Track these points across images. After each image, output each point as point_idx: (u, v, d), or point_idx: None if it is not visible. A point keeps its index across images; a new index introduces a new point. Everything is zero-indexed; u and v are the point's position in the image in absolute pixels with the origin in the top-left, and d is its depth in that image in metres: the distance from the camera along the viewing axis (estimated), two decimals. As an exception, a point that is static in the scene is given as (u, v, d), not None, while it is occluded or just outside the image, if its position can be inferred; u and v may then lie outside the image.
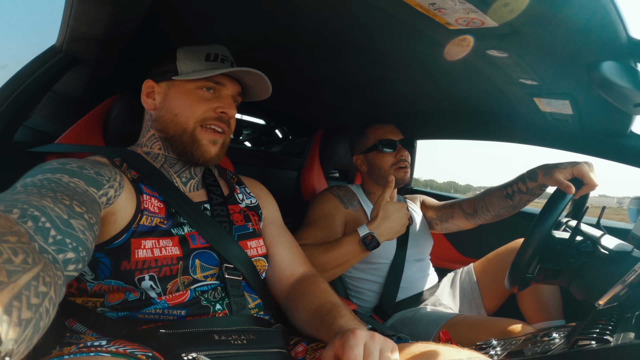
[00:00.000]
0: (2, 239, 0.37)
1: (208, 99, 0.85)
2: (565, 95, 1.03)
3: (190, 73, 0.84)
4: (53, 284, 0.39)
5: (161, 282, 0.73)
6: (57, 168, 0.64)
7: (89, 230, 0.54)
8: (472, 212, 1.37)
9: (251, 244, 0.88)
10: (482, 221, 1.37)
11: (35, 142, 0.98)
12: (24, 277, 0.35)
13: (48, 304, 0.37)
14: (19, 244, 0.38)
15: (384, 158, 1.38)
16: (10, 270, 0.34)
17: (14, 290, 0.33)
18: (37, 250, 0.41)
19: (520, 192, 1.21)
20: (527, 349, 0.84)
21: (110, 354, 0.53)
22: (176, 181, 0.87)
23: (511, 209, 1.27)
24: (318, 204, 1.36)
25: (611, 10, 0.69)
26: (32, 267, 0.37)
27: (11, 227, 0.40)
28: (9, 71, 0.98)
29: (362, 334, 0.61)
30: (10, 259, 0.35)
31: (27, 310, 0.34)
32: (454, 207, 1.44)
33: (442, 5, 0.70)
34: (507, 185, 1.25)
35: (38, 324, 0.35)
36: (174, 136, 0.84)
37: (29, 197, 0.51)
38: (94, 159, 0.79)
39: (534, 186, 1.16)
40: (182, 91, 0.85)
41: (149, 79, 0.87)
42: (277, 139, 2.43)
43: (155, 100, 0.86)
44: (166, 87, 0.86)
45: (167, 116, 0.84)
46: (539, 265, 1.00)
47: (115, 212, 0.70)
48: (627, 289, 0.77)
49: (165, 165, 0.87)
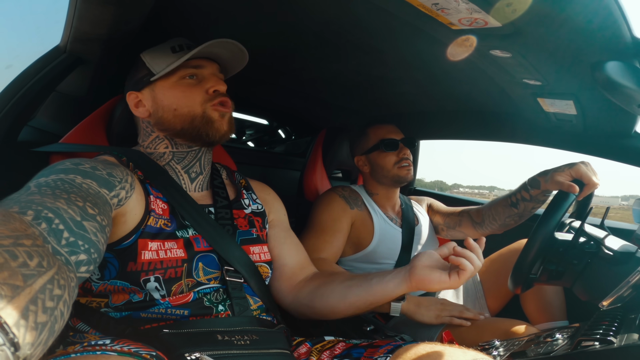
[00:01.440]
0: (18, 242, 0.37)
1: (195, 85, 0.85)
2: (569, 95, 1.03)
3: (165, 68, 0.85)
4: (67, 286, 0.40)
5: (166, 284, 0.73)
6: (70, 168, 0.64)
7: (100, 232, 0.55)
8: (480, 222, 1.37)
9: (254, 249, 0.88)
10: (489, 231, 1.36)
11: (39, 141, 0.99)
12: (39, 281, 0.35)
13: (63, 307, 0.38)
14: (34, 247, 0.38)
15: (386, 157, 1.37)
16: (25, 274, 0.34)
17: (30, 294, 0.34)
18: (51, 253, 0.41)
19: (524, 200, 1.21)
20: (530, 349, 0.83)
21: (116, 353, 0.54)
22: (183, 178, 0.87)
23: (517, 217, 1.27)
24: (324, 206, 1.34)
25: (615, 10, 0.68)
26: (47, 270, 0.37)
27: (26, 229, 0.40)
28: (14, 71, 0.98)
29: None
30: (26, 262, 0.35)
31: (43, 313, 0.34)
32: (462, 216, 1.43)
33: (445, 6, 0.70)
34: (511, 194, 1.26)
35: (53, 327, 0.36)
36: (184, 128, 0.84)
37: (43, 198, 0.51)
38: (105, 158, 0.80)
39: (537, 193, 1.16)
40: (167, 87, 0.85)
41: (129, 91, 0.88)
42: (280, 139, 2.43)
43: (146, 107, 0.86)
44: (150, 91, 0.86)
45: (168, 114, 0.84)
46: (542, 266, 1.00)
47: (126, 213, 0.70)
48: (631, 289, 0.77)
49: (172, 162, 0.87)
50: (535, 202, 1.20)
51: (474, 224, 1.39)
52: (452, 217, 1.47)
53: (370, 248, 1.32)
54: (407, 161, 1.37)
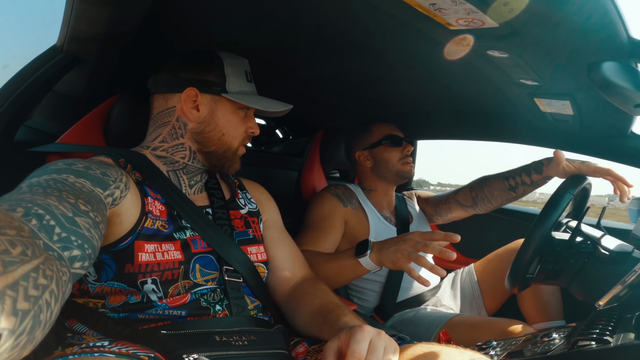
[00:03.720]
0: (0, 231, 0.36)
1: (242, 119, 0.88)
2: (566, 95, 1.03)
3: (237, 94, 0.85)
4: (55, 278, 0.39)
5: (163, 286, 0.73)
6: (63, 168, 0.63)
7: (94, 228, 0.54)
8: (470, 204, 1.38)
9: (251, 249, 0.88)
10: (483, 211, 1.38)
11: (36, 141, 0.98)
12: (22, 268, 0.35)
13: (49, 297, 0.37)
14: (18, 237, 0.37)
15: (391, 152, 1.40)
16: (6, 260, 0.33)
17: (8, 280, 0.33)
18: (39, 245, 0.40)
19: (524, 184, 1.21)
20: (527, 349, 0.84)
21: (114, 355, 0.53)
22: (183, 179, 0.87)
23: (512, 199, 1.29)
24: (317, 205, 1.35)
25: (611, 10, 0.69)
26: (31, 259, 0.36)
27: (11, 222, 0.39)
28: (10, 71, 0.98)
29: (370, 330, 0.62)
30: (8, 250, 0.34)
31: (25, 301, 0.33)
32: (450, 202, 1.44)
33: (443, 6, 0.70)
34: (508, 177, 1.25)
35: (38, 317, 0.35)
36: (215, 152, 0.86)
37: (34, 196, 0.50)
38: (100, 159, 0.79)
39: (539, 179, 1.17)
40: (229, 110, 0.86)
41: (192, 86, 0.83)
42: (278, 139, 2.43)
43: (200, 112, 0.84)
44: (211, 100, 0.84)
45: (214, 134, 0.85)
46: (539, 266, 1.00)
47: (121, 214, 0.70)
48: (627, 289, 0.77)
49: (180, 172, 0.87)
50: (534, 187, 1.21)
51: (464, 207, 1.40)
52: (441, 206, 1.48)
53: (366, 247, 1.32)
54: (410, 158, 1.41)
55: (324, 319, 0.78)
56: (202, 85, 0.83)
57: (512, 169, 1.26)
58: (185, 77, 0.84)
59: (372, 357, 0.58)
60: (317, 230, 1.27)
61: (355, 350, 0.58)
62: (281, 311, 0.92)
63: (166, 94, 0.85)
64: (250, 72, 0.91)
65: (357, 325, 0.63)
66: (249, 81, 0.90)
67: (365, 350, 0.59)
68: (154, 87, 0.88)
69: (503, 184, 1.27)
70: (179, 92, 0.84)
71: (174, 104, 0.84)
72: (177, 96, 0.84)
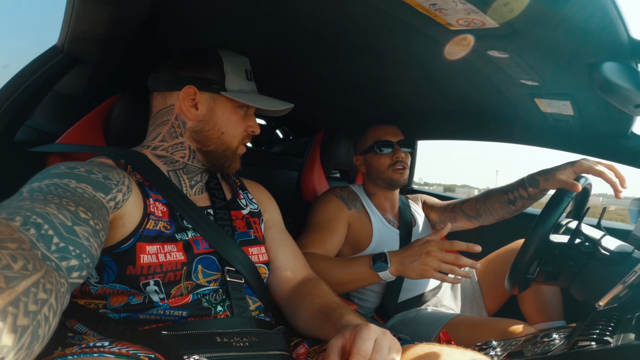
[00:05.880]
0: (1, 245, 0.36)
1: (242, 117, 0.88)
2: (566, 96, 1.03)
3: (236, 92, 0.85)
4: (54, 291, 0.39)
5: (165, 287, 0.72)
6: (64, 173, 0.63)
7: (93, 236, 0.54)
8: (475, 215, 1.37)
9: (252, 250, 0.88)
10: (486, 223, 1.38)
11: (36, 141, 0.98)
12: (23, 284, 0.35)
13: (47, 312, 0.37)
14: (19, 251, 0.37)
15: (380, 159, 1.37)
16: (8, 276, 0.34)
17: (11, 297, 0.33)
18: (38, 258, 0.40)
19: (522, 198, 1.22)
20: (527, 349, 0.84)
21: (114, 355, 0.53)
22: (184, 180, 0.87)
23: (514, 212, 1.28)
24: (321, 206, 1.34)
25: (612, 11, 0.69)
26: (32, 273, 0.37)
27: (11, 234, 0.39)
28: (11, 71, 0.98)
29: (375, 329, 0.61)
30: (9, 265, 0.35)
31: (24, 317, 0.34)
32: (455, 211, 1.44)
33: (443, 6, 0.70)
34: (507, 191, 1.25)
35: (36, 331, 0.35)
36: (215, 151, 0.85)
37: (33, 203, 0.50)
38: (101, 161, 0.78)
39: (536, 192, 1.16)
40: (228, 109, 0.85)
41: (191, 84, 0.82)
42: (278, 139, 2.43)
43: (198, 110, 0.83)
44: (210, 99, 0.84)
45: (213, 133, 0.84)
46: (539, 266, 1.00)
47: (124, 216, 0.69)
48: (628, 290, 0.77)
49: (180, 172, 0.86)
50: (533, 200, 1.21)
51: (469, 218, 1.40)
52: (446, 214, 1.47)
53: (368, 250, 1.32)
54: (402, 164, 1.35)
55: (326, 317, 0.77)
56: (201, 83, 0.83)
57: (511, 183, 1.26)
58: (184, 75, 0.83)
59: (377, 356, 0.58)
60: (321, 232, 1.27)
61: (361, 348, 0.58)
62: (282, 311, 0.92)
63: (165, 92, 0.84)
64: (250, 70, 0.90)
65: (362, 323, 0.62)
66: (249, 80, 0.89)
67: (371, 348, 0.58)
68: (153, 85, 0.87)
69: (503, 197, 1.27)
70: (177, 90, 0.83)
71: (172, 102, 0.84)
72: (175, 94, 0.83)
